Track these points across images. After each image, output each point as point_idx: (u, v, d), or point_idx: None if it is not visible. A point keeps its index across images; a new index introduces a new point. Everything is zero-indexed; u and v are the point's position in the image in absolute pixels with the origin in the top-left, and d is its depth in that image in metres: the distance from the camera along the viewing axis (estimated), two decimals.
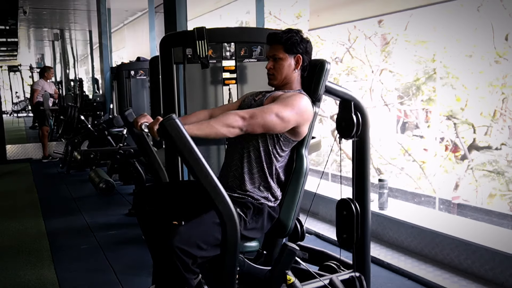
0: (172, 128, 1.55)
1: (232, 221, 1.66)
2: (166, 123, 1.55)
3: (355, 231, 2.13)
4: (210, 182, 1.62)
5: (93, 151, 5.82)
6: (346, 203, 2.17)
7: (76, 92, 10.50)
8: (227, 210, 1.65)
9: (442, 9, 4.71)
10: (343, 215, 2.17)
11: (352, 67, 6.55)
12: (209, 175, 1.61)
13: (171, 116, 1.56)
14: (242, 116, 1.81)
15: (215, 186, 1.63)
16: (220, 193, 1.64)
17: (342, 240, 2.19)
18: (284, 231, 1.99)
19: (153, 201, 2.01)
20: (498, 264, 2.63)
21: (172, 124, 1.55)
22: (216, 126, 1.75)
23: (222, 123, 1.76)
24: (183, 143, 1.57)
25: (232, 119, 1.79)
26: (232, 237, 1.67)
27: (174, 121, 1.55)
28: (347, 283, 2.15)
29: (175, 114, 1.60)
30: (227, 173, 1.99)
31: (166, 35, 2.74)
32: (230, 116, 1.80)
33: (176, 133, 1.56)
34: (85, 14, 10.26)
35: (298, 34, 2.02)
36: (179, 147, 1.57)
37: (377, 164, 6.01)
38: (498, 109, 4.94)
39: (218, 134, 1.78)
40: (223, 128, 1.77)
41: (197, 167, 1.60)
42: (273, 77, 2.04)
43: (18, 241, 3.77)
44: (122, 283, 2.88)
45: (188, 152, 1.58)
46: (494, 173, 4.85)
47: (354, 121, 2.12)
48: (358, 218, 2.13)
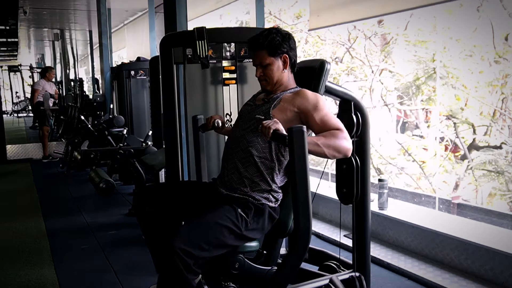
0: (299, 137, 1.65)
1: (307, 240, 1.78)
2: (295, 129, 1.64)
3: (355, 185, 2.13)
4: (305, 197, 1.71)
5: (93, 151, 5.82)
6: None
7: (76, 92, 10.49)
8: (307, 228, 1.74)
9: (442, 9, 4.71)
10: (343, 169, 2.16)
11: (352, 67, 6.55)
12: (308, 191, 1.71)
13: (302, 127, 1.66)
14: (347, 139, 1.83)
15: (307, 204, 1.72)
16: (308, 213, 1.73)
17: (342, 195, 2.18)
18: (284, 231, 1.99)
19: (153, 201, 2.01)
20: (498, 264, 2.63)
21: (299, 133, 1.65)
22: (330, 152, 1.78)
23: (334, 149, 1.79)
24: (301, 154, 1.66)
25: (343, 143, 1.81)
26: (302, 253, 1.80)
27: (302, 131, 1.65)
28: (347, 283, 2.15)
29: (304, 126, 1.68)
30: (228, 173, 1.98)
31: (166, 35, 2.74)
32: (342, 142, 1.81)
33: (300, 143, 1.65)
34: (85, 14, 10.25)
35: (278, 34, 1.98)
36: (295, 156, 1.66)
37: (377, 164, 6.01)
38: (498, 109, 4.95)
39: (322, 155, 1.81)
40: (335, 153, 1.81)
41: (301, 180, 1.69)
42: (265, 83, 2.02)
43: (18, 241, 3.77)
44: (122, 283, 2.88)
45: (301, 163, 1.67)
46: (494, 173, 4.85)
47: (354, 121, 2.12)
48: (358, 171, 2.13)
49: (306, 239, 1.77)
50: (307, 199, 1.71)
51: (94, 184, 4.95)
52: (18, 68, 19.03)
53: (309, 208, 1.72)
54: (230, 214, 1.83)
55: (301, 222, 1.72)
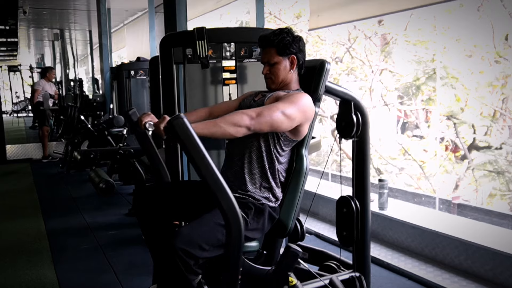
0: (180, 127, 1.55)
1: (237, 222, 1.65)
2: (175, 121, 1.55)
3: (355, 229, 2.13)
4: (216, 182, 1.61)
5: (93, 151, 5.81)
6: (346, 201, 2.17)
7: (76, 92, 10.50)
8: (233, 211, 1.64)
9: (442, 9, 4.71)
10: (343, 213, 2.16)
11: (352, 67, 6.55)
12: (216, 175, 1.61)
13: (179, 115, 1.56)
14: (249, 115, 1.78)
15: (221, 187, 1.62)
16: (226, 194, 1.63)
17: (342, 238, 2.19)
18: (284, 231, 1.99)
19: (153, 201, 2.01)
20: (498, 264, 2.63)
21: (180, 123, 1.55)
22: (223, 125, 1.73)
23: (229, 122, 1.74)
24: (191, 142, 1.57)
25: (239, 118, 1.77)
26: (237, 238, 1.66)
27: (183, 120, 1.55)
28: (347, 283, 2.15)
29: (183, 114, 1.59)
30: (228, 173, 1.98)
31: (166, 35, 2.74)
32: (237, 115, 1.78)
33: (184, 132, 1.56)
34: (85, 14, 10.26)
35: (289, 34, 2.00)
36: (187, 146, 1.57)
37: (377, 164, 6.01)
38: (498, 109, 4.94)
39: (225, 133, 1.76)
40: (231, 128, 1.74)
41: (204, 167, 1.59)
42: (270, 81, 2.04)
43: (18, 241, 3.77)
44: (122, 283, 2.88)
45: (195, 151, 1.58)
46: (494, 173, 4.85)
47: (354, 121, 2.12)
48: (358, 216, 2.13)
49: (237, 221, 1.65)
50: (218, 181, 1.61)
51: (94, 184, 4.95)
52: (18, 68, 19.03)
53: (225, 188, 1.62)
54: None
55: (224, 203, 1.62)
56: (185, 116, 1.57)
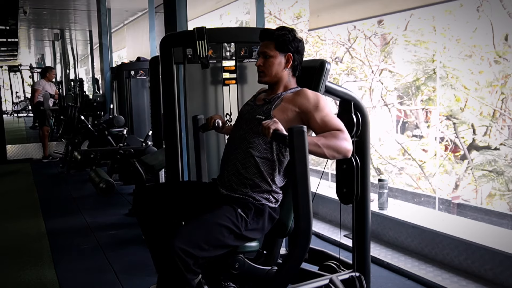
0: (299, 137, 1.64)
1: (307, 240, 1.77)
2: (296, 129, 1.64)
3: (355, 185, 2.12)
4: (306, 198, 1.70)
5: (93, 151, 5.81)
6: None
7: (76, 92, 10.49)
8: (307, 229, 1.74)
9: (442, 9, 4.71)
10: (343, 169, 2.16)
11: (352, 67, 6.55)
12: (308, 191, 1.71)
13: (302, 127, 1.65)
14: (349, 140, 1.83)
15: (308, 205, 1.71)
16: (309, 214, 1.72)
17: (342, 195, 2.18)
18: (284, 231, 1.99)
19: (153, 201, 2.01)
20: (498, 264, 2.63)
21: (300, 133, 1.64)
22: (326, 150, 1.77)
23: (332, 148, 1.78)
24: (301, 154, 1.66)
25: (343, 145, 1.80)
26: (302, 254, 1.80)
27: (303, 131, 1.64)
28: (347, 283, 2.15)
29: (305, 127, 1.67)
30: (228, 173, 1.98)
31: (166, 35, 2.74)
32: (342, 142, 1.80)
33: (300, 143, 1.65)
34: (85, 14, 10.25)
35: (291, 33, 2.01)
36: (296, 156, 1.66)
37: (377, 164, 6.01)
38: (497, 109, 4.95)
39: (324, 157, 1.80)
40: (331, 153, 1.79)
41: (302, 180, 1.68)
42: (263, 74, 2.03)
43: (18, 241, 3.77)
44: (122, 283, 2.88)
45: (302, 163, 1.67)
46: (494, 173, 4.85)
47: (354, 121, 2.12)
48: (358, 171, 2.13)
49: (306, 240, 1.77)
50: (307, 200, 1.71)
51: (94, 184, 4.95)
52: (18, 68, 19.03)
53: (310, 209, 1.72)
54: (230, 214, 1.83)
55: (302, 223, 1.72)
56: (306, 129, 1.66)
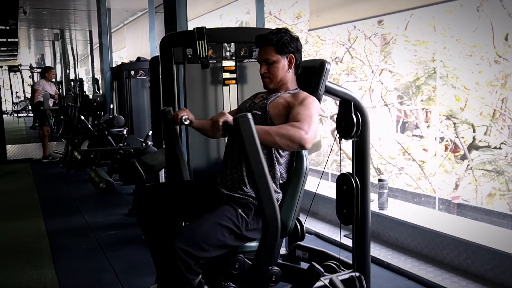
0: (246, 126, 1.62)
1: (276, 227, 1.72)
2: (241, 119, 1.61)
3: (355, 206, 2.12)
4: (265, 186, 1.68)
5: (93, 151, 5.81)
6: (346, 178, 2.16)
7: (76, 92, 10.49)
8: (274, 216, 1.71)
9: (442, 9, 4.71)
10: (343, 190, 2.15)
11: (352, 67, 6.55)
12: (266, 179, 1.68)
13: (247, 115, 1.62)
14: (304, 130, 1.75)
15: (268, 191, 1.68)
16: (271, 199, 1.70)
17: (342, 216, 2.18)
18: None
19: (153, 201, 2.01)
20: (498, 264, 2.63)
21: (246, 123, 1.62)
22: (277, 137, 1.73)
23: (283, 136, 1.73)
24: (251, 143, 1.63)
25: (295, 133, 1.74)
26: (273, 241, 1.74)
27: (248, 120, 1.62)
28: (347, 283, 2.15)
29: (249, 114, 1.64)
30: (228, 173, 1.98)
31: (166, 35, 2.74)
32: (294, 129, 1.75)
33: (248, 133, 1.62)
34: (85, 14, 10.26)
35: (287, 33, 2.00)
36: (246, 146, 1.63)
37: (377, 164, 6.01)
38: (497, 109, 4.95)
39: (276, 145, 1.78)
40: (283, 141, 1.74)
41: (257, 168, 1.66)
42: (269, 80, 2.03)
43: (18, 241, 3.77)
44: (122, 283, 2.88)
45: (254, 152, 1.64)
46: (494, 173, 4.85)
47: (354, 121, 2.12)
48: (358, 193, 2.12)
49: (274, 228, 1.72)
50: (267, 186, 1.67)
51: (94, 184, 4.95)
52: (18, 68, 19.04)
53: (272, 195, 1.68)
54: (230, 214, 1.84)
55: (267, 209, 1.68)
56: (251, 117, 1.62)
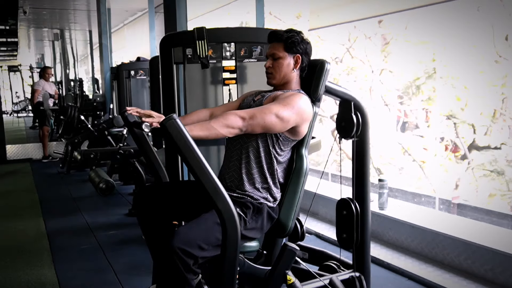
0: (173, 128, 1.56)
1: (232, 220, 1.65)
2: (166, 122, 1.56)
3: (355, 231, 2.13)
4: (210, 181, 1.62)
5: (93, 151, 5.83)
6: (346, 203, 2.18)
7: (76, 92, 10.50)
8: (227, 209, 1.64)
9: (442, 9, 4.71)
10: (343, 215, 2.17)
11: (352, 67, 6.54)
12: (209, 174, 1.61)
13: (172, 116, 1.56)
14: (241, 117, 1.82)
15: (215, 186, 1.63)
16: (220, 192, 1.64)
17: (342, 240, 2.20)
18: (284, 231, 1.99)
19: (153, 201, 2.01)
20: (498, 264, 2.63)
21: (172, 124, 1.56)
22: (216, 126, 1.77)
23: (222, 124, 1.78)
24: (183, 143, 1.57)
25: (231, 120, 1.80)
26: (233, 236, 1.66)
27: (175, 121, 1.56)
28: (347, 283, 2.15)
29: (175, 114, 1.60)
30: (226, 173, 1.99)
31: (166, 35, 2.74)
32: (229, 116, 1.81)
33: (177, 133, 1.56)
34: (85, 14, 10.27)
35: (299, 35, 2.04)
36: (179, 147, 1.58)
37: (377, 164, 6.01)
38: (498, 109, 4.94)
39: (218, 134, 1.79)
40: (223, 129, 1.78)
41: (197, 167, 1.60)
42: (271, 75, 2.04)
43: (18, 241, 3.78)
44: (122, 283, 2.88)
45: (188, 151, 1.58)
46: (494, 173, 4.85)
47: (354, 121, 2.12)
48: (358, 218, 2.14)
49: (232, 220, 1.65)
50: (210, 177, 1.62)
51: (94, 184, 4.96)
52: (18, 68, 19.06)
53: (219, 188, 1.63)
54: None
55: (218, 202, 1.63)
56: (177, 117, 1.57)
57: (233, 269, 1.71)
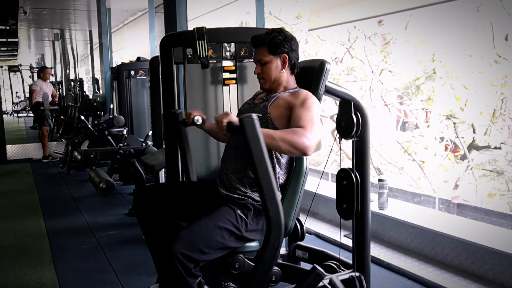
0: (251, 127, 1.61)
1: (279, 227, 1.71)
2: (246, 119, 1.61)
3: (355, 201, 2.13)
4: (269, 187, 1.67)
5: (93, 151, 5.82)
6: (346, 173, 2.17)
7: (76, 92, 10.51)
8: (277, 216, 1.70)
9: (442, 9, 4.71)
10: (343, 185, 2.16)
11: (352, 67, 6.55)
12: (270, 179, 1.67)
13: (252, 115, 1.61)
14: (308, 138, 1.75)
15: (273, 192, 1.68)
16: (275, 199, 1.68)
17: (342, 211, 2.18)
18: (284, 231, 1.99)
19: (153, 201, 2.01)
20: (498, 264, 2.64)
21: (251, 123, 1.61)
22: (281, 143, 1.72)
23: (287, 142, 1.73)
24: (255, 143, 1.63)
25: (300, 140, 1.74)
26: (276, 243, 1.73)
27: (254, 120, 1.61)
28: (347, 283, 2.15)
29: (255, 115, 1.64)
30: (227, 174, 1.98)
31: (166, 35, 2.74)
32: (298, 136, 1.74)
33: (253, 133, 1.62)
34: (85, 14, 10.26)
35: (281, 33, 2.00)
36: (251, 146, 1.63)
37: (377, 164, 6.01)
38: (497, 109, 4.94)
39: (279, 150, 1.79)
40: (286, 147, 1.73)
41: (261, 169, 1.65)
42: (263, 81, 2.04)
43: (18, 241, 3.78)
44: (122, 283, 2.88)
45: (256, 150, 1.63)
46: (494, 173, 4.85)
47: (354, 121, 2.12)
48: (358, 187, 2.13)
49: (279, 225, 1.70)
50: (271, 185, 1.66)
51: (94, 184, 4.96)
52: (18, 68, 19.07)
53: (275, 195, 1.68)
54: (229, 216, 1.83)
55: (270, 209, 1.68)
56: (257, 118, 1.62)
57: (266, 276, 1.81)
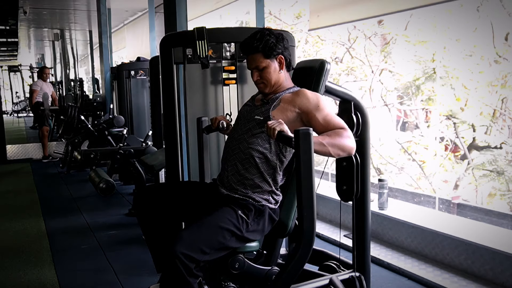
0: (306, 140, 1.64)
1: (310, 241, 1.76)
2: (302, 132, 1.63)
3: (355, 182, 2.12)
4: (310, 200, 1.70)
5: (93, 151, 5.82)
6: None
7: (76, 92, 10.51)
8: (311, 229, 1.74)
9: (442, 9, 4.71)
10: (343, 166, 2.15)
11: (352, 67, 6.54)
12: (313, 193, 1.70)
13: (309, 129, 1.65)
14: (351, 138, 1.84)
15: (312, 206, 1.71)
16: (313, 215, 1.72)
17: (342, 192, 2.18)
18: (284, 231, 1.99)
19: (153, 201, 2.01)
20: (498, 264, 2.63)
21: (306, 135, 1.64)
22: (331, 149, 1.78)
23: (336, 146, 1.79)
24: (307, 158, 1.65)
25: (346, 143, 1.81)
26: (305, 255, 1.78)
27: (310, 135, 1.64)
28: (347, 283, 2.15)
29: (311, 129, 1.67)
30: (228, 174, 1.98)
31: (166, 35, 2.74)
32: (345, 140, 1.81)
33: (306, 147, 1.65)
34: (85, 14, 10.26)
35: (271, 35, 1.95)
36: (301, 159, 1.65)
37: (377, 164, 6.01)
38: (497, 109, 4.94)
39: (328, 155, 1.81)
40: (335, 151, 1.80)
41: (307, 182, 1.68)
42: (263, 86, 1.99)
43: (18, 241, 3.78)
44: (122, 283, 2.88)
45: (307, 167, 1.66)
46: (494, 173, 4.85)
47: (354, 121, 2.12)
48: (358, 168, 2.12)
49: (310, 241, 1.77)
50: (312, 202, 1.70)
51: (94, 184, 4.96)
52: (18, 68, 19.06)
53: (314, 210, 1.72)
54: (230, 216, 1.83)
55: (306, 224, 1.72)
56: (313, 132, 1.66)
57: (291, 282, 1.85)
